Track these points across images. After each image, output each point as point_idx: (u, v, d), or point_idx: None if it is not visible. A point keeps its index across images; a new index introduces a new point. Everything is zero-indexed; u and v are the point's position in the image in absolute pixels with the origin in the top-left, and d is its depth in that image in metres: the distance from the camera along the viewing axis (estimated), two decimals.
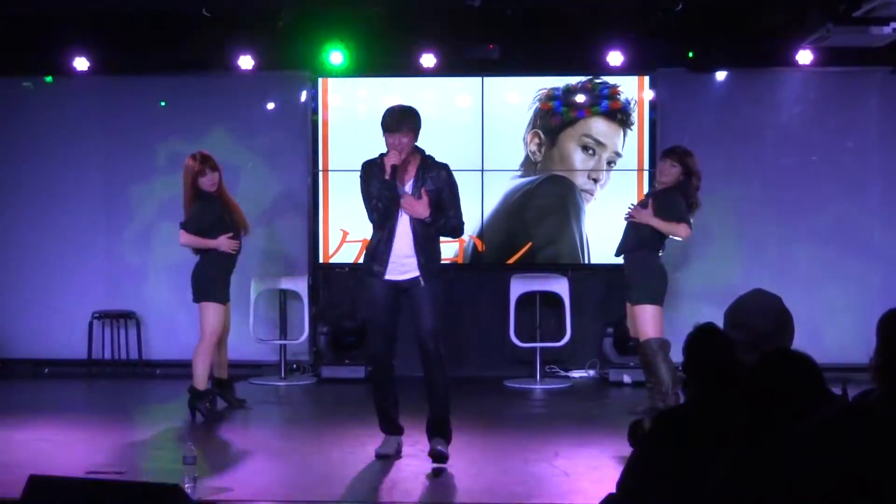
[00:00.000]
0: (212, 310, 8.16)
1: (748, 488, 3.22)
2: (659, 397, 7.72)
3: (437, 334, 6.68)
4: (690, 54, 9.75)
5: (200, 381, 8.11)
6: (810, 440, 2.62)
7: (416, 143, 6.71)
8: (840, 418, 2.62)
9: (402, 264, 6.68)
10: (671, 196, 7.88)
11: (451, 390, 6.81)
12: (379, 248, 6.70)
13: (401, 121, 6.63)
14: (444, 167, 6.78)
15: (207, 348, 8.14)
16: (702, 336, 4.25)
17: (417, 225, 6.65)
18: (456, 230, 6.83)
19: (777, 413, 3.28)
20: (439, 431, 6.76)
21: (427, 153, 6.79)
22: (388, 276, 6.67)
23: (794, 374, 3.35)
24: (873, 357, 3.93)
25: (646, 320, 7.77)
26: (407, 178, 6.70)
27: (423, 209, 6.61)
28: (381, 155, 6.72)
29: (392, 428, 6.90)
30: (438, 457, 6.66)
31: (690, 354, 4.25)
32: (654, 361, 7.72)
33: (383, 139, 6.65)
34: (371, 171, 6.71)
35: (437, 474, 6.47)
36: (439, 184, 6.68)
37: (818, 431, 2.61)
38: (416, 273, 6.67)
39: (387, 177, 6.58)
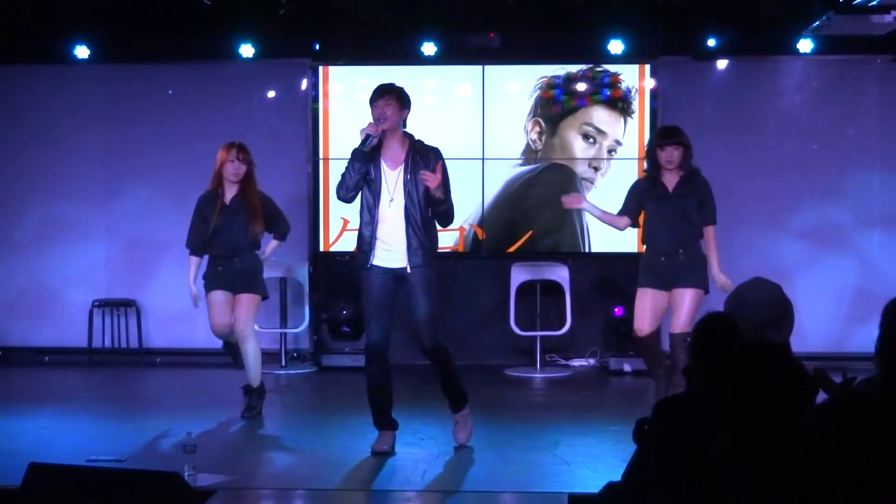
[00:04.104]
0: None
1: (740, 476, 3.22)
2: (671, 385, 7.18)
3: (431, 324, 6.51)
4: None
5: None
6: (812, 424, 2.63)
7: (405, 128, 6.52)
8: (840, 403, 2.63)
9: (392, 250, 6.45)
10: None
11: (458, 374, 6.75)
12: (364, 233, 6.50)
13: (383, 91, 6.44)
14: (435, 150, 6.56)
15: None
16: (709, 324, 4.23)
17: (412, 208, 6.42)
18: (448, 216, 6.56)
19: (761, 404, 3.28)
20: (455, 406, 6.77)
21: (417, 138, 6.59)
22: (376, 262, 6.46)
23: (772, 367, 3.36)
24: (877, 343, 3.93)
25: (696, 308, 7.26)
26: (397, 163, 6.47)
27: (436, 181, 6.30)
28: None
29: (385, 423, 6.68)
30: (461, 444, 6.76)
31: (696, 341, 4.23)
32: (683, 353, 7.01)
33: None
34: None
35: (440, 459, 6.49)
36: (431, 168, 6.41)
37: (819, 416, 2.63)
38: (406, 261, 6.45)
39: (359, 143, 6.34)
